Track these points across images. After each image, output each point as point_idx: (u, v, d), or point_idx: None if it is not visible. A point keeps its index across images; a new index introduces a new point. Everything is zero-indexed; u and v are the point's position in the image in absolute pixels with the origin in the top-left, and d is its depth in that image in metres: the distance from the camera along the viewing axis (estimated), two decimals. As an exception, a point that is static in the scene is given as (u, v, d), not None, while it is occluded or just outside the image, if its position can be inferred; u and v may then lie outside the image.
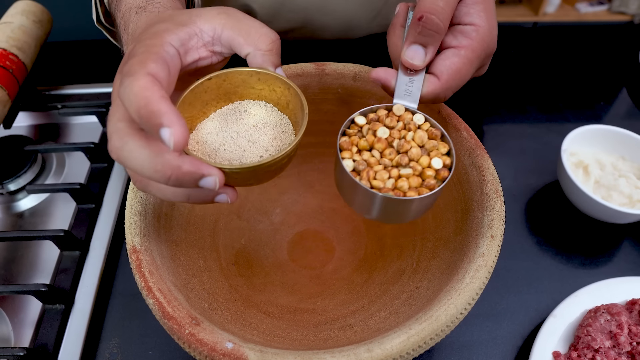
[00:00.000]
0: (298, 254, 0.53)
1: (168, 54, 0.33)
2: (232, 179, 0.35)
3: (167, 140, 0.29)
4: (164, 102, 0.29)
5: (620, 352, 0.48)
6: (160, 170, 0.30)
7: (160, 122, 0.29)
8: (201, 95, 0.38)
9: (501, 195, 0.41)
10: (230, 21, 0.36)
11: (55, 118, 0.73)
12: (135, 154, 0.30)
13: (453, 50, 0.38)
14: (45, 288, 0.51)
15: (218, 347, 0.34)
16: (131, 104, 0.29)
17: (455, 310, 0.35)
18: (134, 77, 0.30)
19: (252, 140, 0.37)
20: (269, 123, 0.38)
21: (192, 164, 0.31)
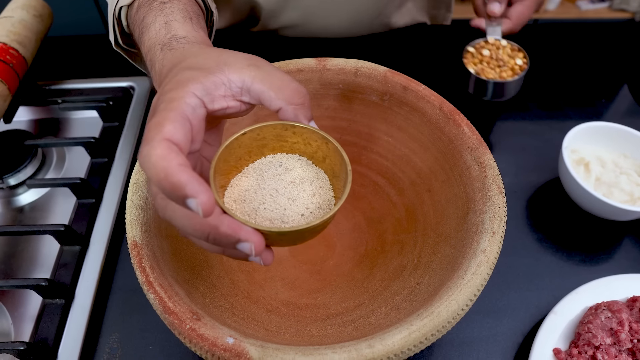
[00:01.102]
0: (298, 249, 0.53)
1: (189, 106, 0.32)
2: (276, 241, 0.34)
3: (195, 210, 0.29)
4: (183, 171, 0.29)
5: (621, 349, 0.48)
6: (199, 230, 0.31)
7: (184, 194, 0.29)
8: (235, 150, 0.37)
9: (503, 192, 0.41)
10: (260, 74, 0.35)
11: (55, 113, 0.73)
12: (178, 213, 0.31)
13: (519, 2, 0.67)
14: (45, 283, 0.51)
15: (219, 342, 0.34)
16: (152, 176, 0.30)
17: (457, 307, 0.35)
18: (150, 145, 0.30)
19: (292, 198, 0.36)
20: (306, 179, 0.38)
21: (230, 226, 0.31)
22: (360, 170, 0.55)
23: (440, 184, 0.49)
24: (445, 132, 0.47)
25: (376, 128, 0.53)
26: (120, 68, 0.76)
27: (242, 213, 0.36)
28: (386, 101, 0.51)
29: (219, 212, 0.32)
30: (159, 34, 0.41)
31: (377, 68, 0.50)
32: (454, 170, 0.46)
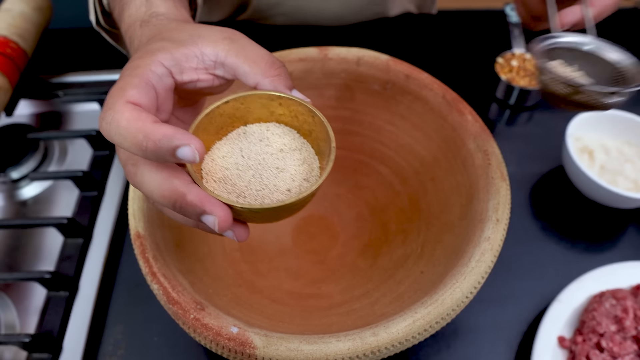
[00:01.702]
0: (302, 239, 0.53)
1: (155, 74, 0.31)
2: (249, 217, 0.32)
3: (190, 158, 0.28)
4: (163, 125, 0.28)
5: (626, 337, 0.47)
6: (167, 196, 0.29)
7: (174, 145, 0.27)
8: (216, 119, 0.34)
9: (507, 179, 0.41)
10: (234, 47, 0.34)
11: (57, 106, 0.73)
12: (147, 177, 0.30)
13: None
14: (49, 275, 0.51)
15: (223, 332, 0.34)
16: (125, 140, 0.28)
17: (461, 294, 0.35)
18: (113, 110, 0.28)
19: (279, 168, 0.33)
20: (295, 148, 0.35)
21: (197, 196, 0.29)
22: (363, 159, 0.55)
23: (443, 172, 0.48)
24: (448, 120, 0.47)
25: (379, 117, 0.53)
26: (122, 60, 0.75)
27: (220, 183, 0.33)
28: (389, 90, 0.51)
29: (188, 180, 0.30)
30: (139, 10, 0.40)
31: (379, 57, 0.50)
32: (458, 158, 0.46)
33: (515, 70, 0.72)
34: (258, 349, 0.33)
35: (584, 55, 0.42)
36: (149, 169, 0.30)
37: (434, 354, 0.50)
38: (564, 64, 0.41)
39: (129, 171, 0.31)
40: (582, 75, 0.41)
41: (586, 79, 0.41)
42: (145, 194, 0.31)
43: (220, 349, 0.34)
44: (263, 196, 0.32)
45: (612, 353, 0.46)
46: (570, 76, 0.39)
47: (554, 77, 0.38)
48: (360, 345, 0.33)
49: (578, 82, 0.37)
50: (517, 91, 0.70)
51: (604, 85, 0.37)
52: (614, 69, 0.41)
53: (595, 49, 0.42)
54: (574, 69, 0.41)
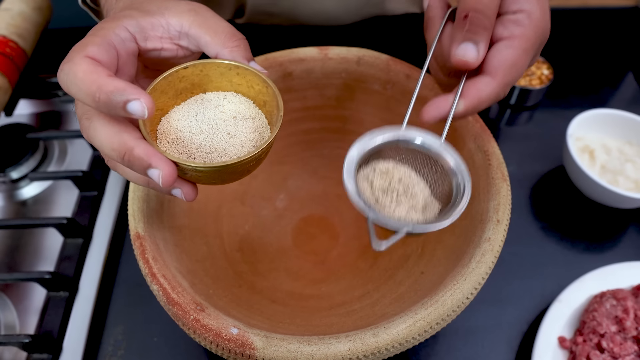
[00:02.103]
0: (302, 240, 0.53)
1: (118, 36, 0.33)
2: (194, 177, 0.33)
3: (140, 112, 0.29)
4: (116, 79, 0.29)
5: (626, 337, 0.47)
6: (116, 149, 0.31)
7: (125, 98, 0.29)
8: (175, 83, 0.36)
9: (507, 180, 0.41)
10: (198, 19, 0.36)
11: (56, 105, 0.73)
12: (99, 131, 0.31)
13: (505, 42, 0.35)
14: (49, 275, 0.51)
15: (223, 333, 0.34)
16: (80, 91, 0.29)
17: (462, 295, 0.35)
18: (72, 62, 0.30)
19: (231, 134, 0.35)
20: (249, 116, 0.36)
21: (144, 150, 0.30)
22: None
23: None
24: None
25: (379, 117, 0.53)
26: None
27: (172, 144, 0.34)
28: (389, 90, 0.50)
29: (138, 135, 0.31)
30: None
31: (379, 56, 0.50)
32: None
33: None
34: (258, 350, 0.33)
35: (428, 157, 0.35)
36: (101, 122, 0.31)
37: (434, 354, 0.50)
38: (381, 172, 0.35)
39: (83, 125, 0.32)
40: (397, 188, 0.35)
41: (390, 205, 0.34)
42: (96, 147, 0.32)
43: (220, 350, 0.34)
44: (212, 159, 0.33)
45: (613, 354, 0.46)
46: (360, 202, 0.32)
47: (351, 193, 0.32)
48: (360, 346, 0.33)
49: (365, 212, 0.31)
50: (518, 91, 0.70)
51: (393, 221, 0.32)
52: (450, 182, 0.34)
53: (435, 155, 0.34)
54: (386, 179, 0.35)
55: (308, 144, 0.56)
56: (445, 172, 0.34)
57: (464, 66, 0.34)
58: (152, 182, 0.34)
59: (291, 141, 0.55)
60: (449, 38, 0.36)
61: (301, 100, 0.53)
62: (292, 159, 0.56)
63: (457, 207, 0.32)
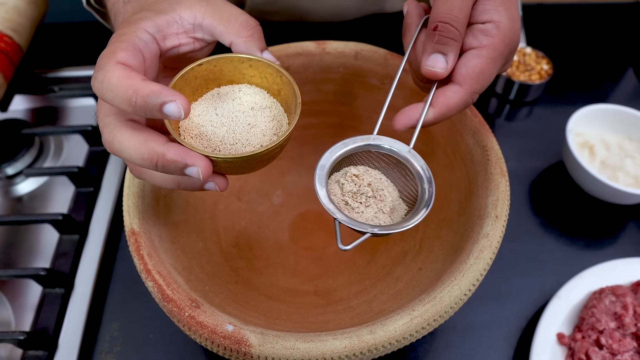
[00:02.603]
0: (299, 236, 0.53)
1: (141, 39, 0.33)
2: (223, 168, 0.34)
3: (176, 113, 0.30)
4: (152, 83, 0.30)
5: (625, 334, 0.47)
6: (147, 159, 0.31)
7: (161, 101, 0.29)
8: (191, 81, 0.37)
9: (506, 175, 0.41)
10: (210, 9, 0.36)
11: (52, 101, 0.72)
12: (124, 144, 0.31)
13: (474, 52, 0.36)
14: (44, 272, 0.51)
15: (218, 330, 0.34)
16: (116, 97, 0.30)
17: (459, 292, 0.35)
18: (105, 69, 0.30)
19: (252, 124, 0.36)
20: (265, 106, 0.37)
21: (177, 152, 0.31)
22: (361, 155, 0.54)
23: (442, 167, 0.48)
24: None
25: (377, 112, 0.52)
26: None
27: (196, 139, 0.35)
28: (387, 84, 0.50)
29: (164, 140, 0.31)
30: None
31: (377, 51, 0.49)
32: (456, 153, 0.46)
33: (515, 64, 0.71)
34: (253, 347, 0.33)
35: (398, 162, 0.36)
36: (125, 136, 0.31)
37: (432, 351, 0.50)
38: (352, 177, 0.36)
39: (105, 139, 0.32)
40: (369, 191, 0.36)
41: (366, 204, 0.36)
42: (125, 159, 0.33)
43: (215, 347, 0.34)
44: (236, 150, 0.35)
45: (612, 350, 0.46)
46: (330, 204, 0.33)
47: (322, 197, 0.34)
48: (357, 344, 0.33)
49: (333, 214, 0.33)
50: (517, 86, 0.70)
51: (360, 223, 0.33)
52: (416, 187, 0.36)
53: (404, 160, 0.36)
54: (356, 184, 0.36)
55: (305, 140, 0.55)
56: (412, 177, 0.36)
57: (433, 76, 0.36)
58: (183, 181, 0.34)
59: (288, 136, 0.55)
60: (422, 45, 0.37)
61: (298, 95, 0.52)
62: (289, 154, 0.55)
63: (420, 211, 0.34)
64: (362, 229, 0.33)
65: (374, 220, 0.35)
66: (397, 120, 0.37)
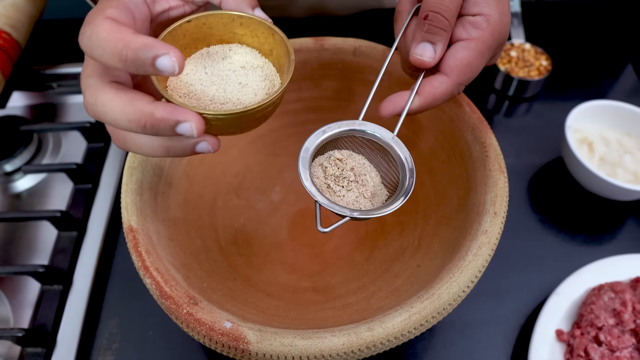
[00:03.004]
0: (298, 232, 0.53)
1: (132, 1, 0.32)
2: (214, 127, 0.33)
3: (170, 68, 0.28)
4: (142, 36, 0.28)
5: (624, 330, 0.47)
6: (134, 119, 0.29)
7: (154, 54, 0.27)
8: (179, 38, 0.35)
9: (504, 172, 0.41)
10: None
11: (51, 97, 0.72)
12: (108, 106, 0.29)
13: (462, 44, 0.37)
14: (43, 269, 0.50)
15: (216, 327, 0.34)
16: (105, 52, 0.28)
17: (458, 289, 0.35)
18: (93, 24, 0.29)
19: (243, 83, 0.35)
20: (257, 65, 0.36)
21: (166, 109, 0.29)
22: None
23: (441, 164, 0.48)
24: (445, 111, 0.46)
25: (376, 108, 0.52)
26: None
27: (185, 97, 0.34)
28: (385, 81, 0.50)
29: (152, 99, 0.30)
30: None
31: (375, 47, 0.49)
32: (455, 150, 0.46)
33: (514, 60, 0.71)
34: (252, 344, 0.33)
35: (381, 148, 0.37)
36: (109, 96, 0.30)
37: (430, 348, 0.50)
38: (336, 161, 0.37)
39: (87, 101, 0.31)
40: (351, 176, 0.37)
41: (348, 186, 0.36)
42: (109, 123, 0.31)
43: (213, 344, 0.34)
44: (227, 109, 0.33)
45: (611, 346, 0.46)
46: (312, 187, 0.34)
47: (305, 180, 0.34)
48: (355, 341, 0.33)
49: (314, 196, 0.33)
50: (516, 82, 0.69)
51: (337, 205, 0.34)
52: (397, 172, 0.36)
53: (388, 146, 0.36)
54: (339, 169, 0.37)
55: (304, 136, 0.54)
56: (395, 163, 0.36)
57: (421, 65, 0.36)
58: (173, 146, 0.32)
59: (287, 133, 0.55)
60: (412, 34, 0.38)
61: (297, 92, 0.52)
62: (287, 150, 0.55)
63: (399, 198, 0.34)
64: (342, 213, 0.33)
65: (354, 204, 0.35)
66: (383, 107, 0.37)
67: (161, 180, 0.45)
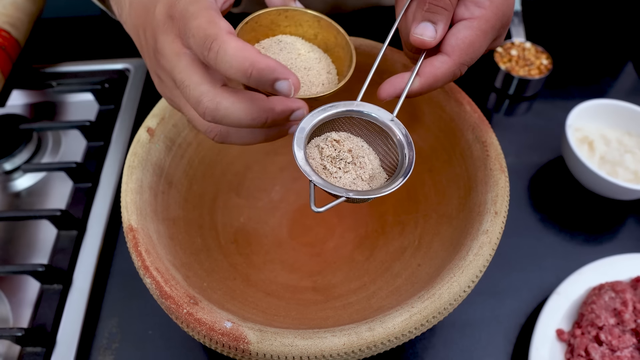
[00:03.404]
0: (298, 231, 0.53)
1: (213, 2, 0.33)
2: None
3: (287, 90, 0.30)
4: (266, 57, 0.30)
5: (625, 330, 0.47)
6: (257, 117, 0.31)
7: (275, 77, 0.30)
8: (254, 27, 0.39)
9: (505, 171, 0.40)
10: None
11: (50, 96, 0.72)
12: (231, 109, 0.31)
13: (465, 23, 0.35)
14: (42, 268, 0.50)
15: (217, 327, 0.34)
16: (232, 67, 0.30)
17: (458, 288, 0.35)
18: (219, 40, 0.30)
19: (307, 68, 0.38)
20: (308, 50, 0.40)
21: (283, 103, 0.31)
22: (360, 151, 0.54)
23: (441, 163, 0.48)
24: (446, 110, 0.46)
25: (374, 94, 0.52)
26: (116, 50, 0.75)
27: None
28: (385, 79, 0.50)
29: (264, 96, 0.32)
30: None
31: (376, 46, 0.49)
32: (456, 149, 0.45)
33: (514, 59, 0.71)
34: (252, 344, 0.33)
35: (380, 130, 0.36)
36: (231, 100, 0.31)
37: (431, 347, 0.50)
38: (332, 141, 0.36)
39: (207, 107, 0.31)
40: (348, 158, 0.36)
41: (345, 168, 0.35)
42: (232, 124, 0.32)
43: (214, 344, 0.34)
44: (304, 91, 0.37)
45: (611, 346, 0.46)
46: (306, 166, 0.33)
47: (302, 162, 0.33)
48: (355, 341, 0.32)
49: (308, 176, 0.32)
50: (516, 81, 0.69)
51: (336, 187, 0.33)
52: (396, 155, 0.36)
53: (387, 128, 0.35)
54: (336, 150, 0.36)
55: (304, 135, 0.55)
56: (394, 145, 0.35)
57: (421, 45, 0.35)
58: (271, 132, 0.34)
59: (287, 132, 0.54)
60: (413, 14, 0.37)
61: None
62: (287, 149, 0.55)
63: (398, 179, 0.33)
64: (337, 193, 0.32)
65: (351, 186, 0.35)
66: (382, 89, 0.37)
67: (161, 179, 0.44)
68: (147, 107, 0.45)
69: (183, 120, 0.47)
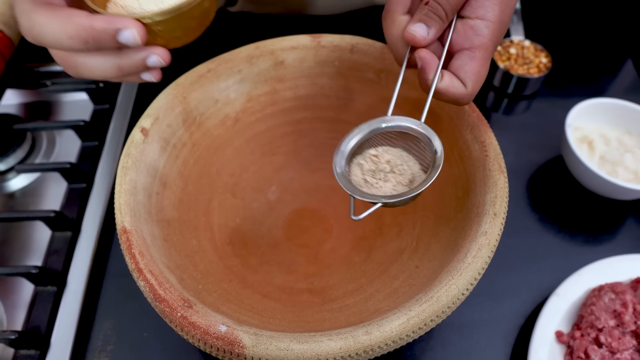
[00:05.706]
0: (295, 232, 0.52)
1: None
2: (158, 36, 0.33)
3: (133, 41, 0.30)
4: (92, 16, 0.29)
5: (625, 331, 0.47)
6: (74, 35, 0.30)
7: (113, 30, 0.29)
8: None
9: (504, 172, 0.40)
10: None
11: (45, 95, 0.71)
12: (46, 26, 0.30)
13: (468, 54, 0.37)
14: (36, 270, 0.50)
15: (211, 331, 0.33)
16: (64, 38, 0.29)
17: (457, 291, 0.34)
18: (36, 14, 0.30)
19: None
20: None
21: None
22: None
23: (439, 164, 0.47)
24: (444, 109, 0.46)
25: (374, 107, 0.51)
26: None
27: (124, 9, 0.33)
28: (383, 78, 0.49)
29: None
30: None
31: (373, 44, 0.48)
32: (454, 149, 0.45)
33: (513, 58, 0.71)
34: (247, 348, 0.32)
35: (414, 138, 0.38)
36: (45, 16, 0.30)
37: (429, 349, 0.49)
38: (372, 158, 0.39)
39: (25, 26, 0.31)
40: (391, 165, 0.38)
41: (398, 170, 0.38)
42: (50, 44, 0.31)
43: (208, 348, 0.33)
44: (161, 8, 0.32)
45: (611, 348, 0.46)
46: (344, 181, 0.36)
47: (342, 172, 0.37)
48: (352, 345, 0.32)
49: (347, 189, 0.36)
50: (515, 79, 0.69)
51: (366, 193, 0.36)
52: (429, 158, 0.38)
53: (419, 135, 0.37)
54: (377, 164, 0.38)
55: (301, 134, 0.54)
56: (427, 148, 0.37)
57: (412, 40, 0.37)
58: (124, 63, 0.32)
59: (283, 131, 0.54)
60: None
61: (293, 90, 0.52)
62: (284, 149, 0.55)
63: (428, 180, 0.36)
64: (371, 200, 0.35)
65: (392, 192, 0.37)
66: None
67: (155, 180, 0.44)
68: (142, 106, 0.44)
69: (178, 120, 0.47)
